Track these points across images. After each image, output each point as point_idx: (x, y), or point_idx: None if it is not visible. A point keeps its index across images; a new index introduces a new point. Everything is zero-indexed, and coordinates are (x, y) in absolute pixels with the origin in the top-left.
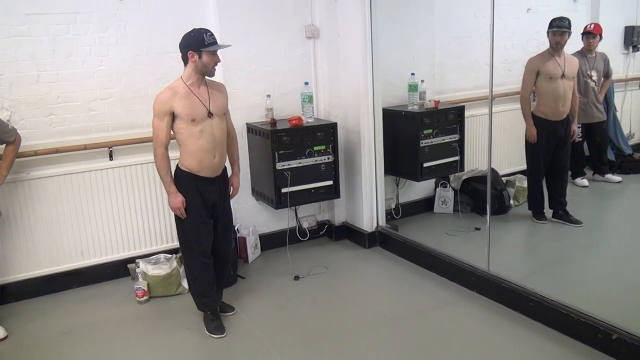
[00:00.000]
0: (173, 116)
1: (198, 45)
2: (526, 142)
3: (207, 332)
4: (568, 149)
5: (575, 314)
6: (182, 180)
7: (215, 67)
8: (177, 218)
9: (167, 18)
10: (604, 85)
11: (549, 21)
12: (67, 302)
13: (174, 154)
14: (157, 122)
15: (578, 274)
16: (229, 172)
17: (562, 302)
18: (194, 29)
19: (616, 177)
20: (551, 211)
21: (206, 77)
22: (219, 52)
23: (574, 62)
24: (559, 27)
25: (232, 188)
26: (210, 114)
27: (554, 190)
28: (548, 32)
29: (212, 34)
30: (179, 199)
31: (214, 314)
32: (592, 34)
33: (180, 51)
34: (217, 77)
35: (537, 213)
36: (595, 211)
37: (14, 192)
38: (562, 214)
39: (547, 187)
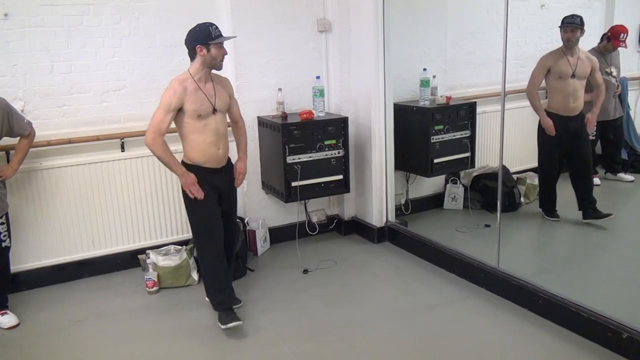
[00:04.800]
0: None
1: (205, 38)
2: (538, 139)
3: (221, 325)
4: (587, 146)
5: (585, 312)
6: (194, 171)
7: (223, 60)
8: (190, 211)
9: (179, 10)
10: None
11: (562, 18)
12: (77, 292)
13: (175, 147)
14: (161, 114)
15: (588, 272)
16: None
17: (571, 300)
18: (198, 24)
19: (628, 177)
20: (565, 209)
21: (213, 71)
22: (225, 45)
23: (588, 61)
24: (569, 23)
25: (238, 173)
26: (215, 110)
27: (580, 189)
28: (560, 28)
29: (217, 27)
30: (192, 177)
31: (229, 310)
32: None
33: (187, 46)
34: (230, 71)
35: (548, 211)
36: (607, 210)
37: (27, 181)
38: (591, 213)
39: (573, 187)
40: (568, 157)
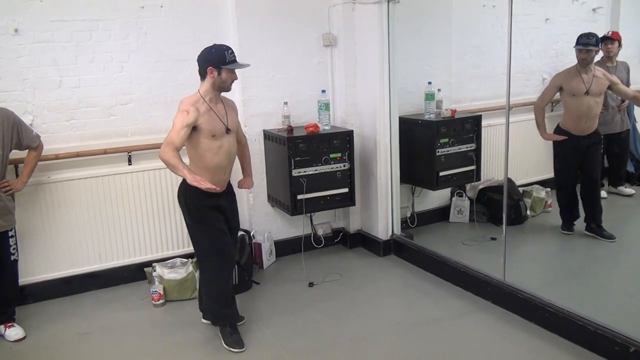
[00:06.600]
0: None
1: (219, 62)
2: (554, 156)
3: (225, 345)
4: (596, 164)
5: (591, 325)
6: (194, 194)
7: (232, 84)
8: (198, 234)
9: (186, 26)
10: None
11: (577, 37)
12: (84, 304)
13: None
14: (174, 131)
15: (595, 286)
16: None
17: (578, 314)
18: (215, 45)
19: (629, 190)
20: (584, 224)
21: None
22: (237, 71)
23: (605, 78)
24: (584, 45)
25: (247, 188)
26: (228, 130)
27: (585, 204)
28: (575, 48)
29: (232, 52)
30: (197, 176)
31: (233, 327)
32: (610, 39)
33: (199, 65)
34: (236, 84)
35: (564, 224)
36: (613, 223)
37: (35, 195)
38: (594, 228)
39: (581, 199)
40: (580, 171)
